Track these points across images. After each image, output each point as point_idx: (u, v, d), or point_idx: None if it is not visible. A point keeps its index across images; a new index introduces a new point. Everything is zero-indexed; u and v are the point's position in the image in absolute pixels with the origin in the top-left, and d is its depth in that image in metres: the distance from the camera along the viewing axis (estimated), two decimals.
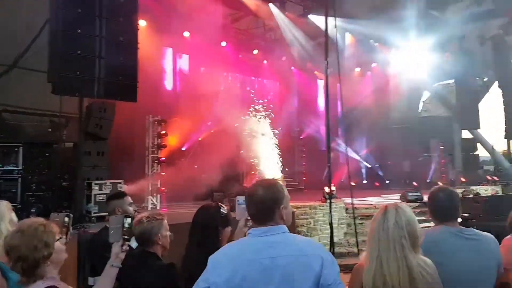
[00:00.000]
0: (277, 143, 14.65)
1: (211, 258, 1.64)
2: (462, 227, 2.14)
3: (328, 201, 8.39)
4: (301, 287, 1.52)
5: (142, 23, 9.93)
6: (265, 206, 1.65)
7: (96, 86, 7.13)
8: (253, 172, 14.47)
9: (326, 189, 8.77)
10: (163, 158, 9.92)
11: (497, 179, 16.20)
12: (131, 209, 3.15)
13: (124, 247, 1.94)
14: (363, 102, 17.85)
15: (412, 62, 19.37)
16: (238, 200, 2.26)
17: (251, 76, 17.14)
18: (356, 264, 1.90)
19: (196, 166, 11.25)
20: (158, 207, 9.60)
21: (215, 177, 11.41)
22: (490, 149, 20.27)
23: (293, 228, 7.52)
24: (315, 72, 18.99)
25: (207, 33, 13.15)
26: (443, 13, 12.20)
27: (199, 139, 12.71)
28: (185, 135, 11.96)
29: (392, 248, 1.74)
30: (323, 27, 16.30)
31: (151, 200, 9.66)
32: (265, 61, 17.04)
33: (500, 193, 13.46)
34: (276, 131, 14.73)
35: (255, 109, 13.50)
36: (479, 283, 2.00)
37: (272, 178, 1.92)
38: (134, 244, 2.66)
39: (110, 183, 7.64)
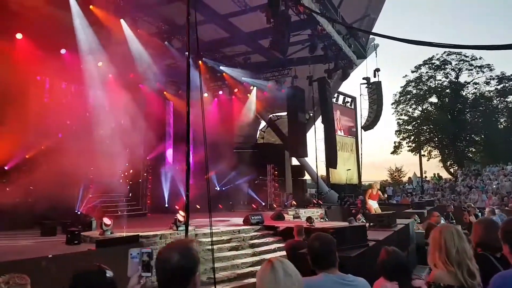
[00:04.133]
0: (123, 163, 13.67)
1: None
2: (342, 274, 2.27)
3: (179, 228, 8.18)
4: None
5: None
6: (179, 275, 1.54)
7: None
8: (90, 195, 13.09)
9: (180, 216, 8.48)
10: None
11: (321, 202, 18.65)
12: None
13: None
14: (209, 127, 18.28)
15: (252, 93, 21.17)
16: (131, 254, 1.94)
17: (93, 89, 15.66)
18: None
19: (31, 189, 9.45)
20: None
21: (43, 201, 9.82)
22: (314, 176, 23.41)
23: None
24: (164, 93, 18.73)
25: (44, 37, 11.50)
26: (283, 54, 13.70)
27: (27, 156, 10.77)
28: (8, 151, 9.98)
29: None
30: (175, 50, 16.61)
31: None
32: (110, 75, 15.87)
33: (323, 214, 15.57)
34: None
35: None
36: None
37: (186, 239, 1.72)
38: None
39: None
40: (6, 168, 10.17)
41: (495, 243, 2.71)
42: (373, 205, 14.33)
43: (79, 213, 10.58)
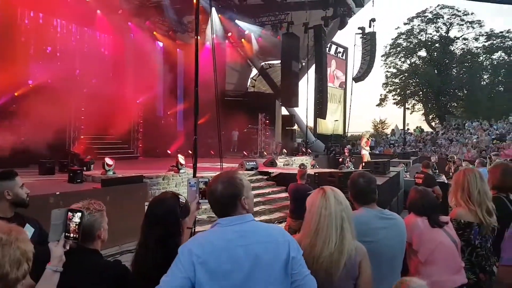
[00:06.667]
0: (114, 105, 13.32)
1: (182, 248, 1.54)
2: (380, 208, 2.38)
3: (180, 171, 8.21)
4: (272, 275, 1.53)
5: None
6: (226, 201, 1.64)
7: None
8: (82, 136, 12.88)
9: (181, 159, 8.46)
10: None
11: (310, 151, 18.91)
12: (23, 192, 2.36)
13: (66, 247, 1.60)
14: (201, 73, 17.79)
15: (245, 39, 20.50)
16: (189, 182, 2.11)
17: (81, 26, 14.86)
18: None
19: (23, 128, 9.18)
20: None
21: (36, 140, 9.60)
22: (302, 125, 23.53)
23: (145, 200, 7.01)
24: (154, 33, 17.94)
25: None
26: None
27: (16, 94, 10.32)
28: None
29: (333, 222, 1.88)
30: None
31: None
32: (98, 11, 15.02)
33: (314, 162, 15.87)
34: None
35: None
36: (397, 255, 2.32)
37: (231, 171, 1.80)
38: (30, 231, 2.19)
39: None
40: None
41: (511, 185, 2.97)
42: (366, 153, 14.60)
43: (73, 153, 10.38)
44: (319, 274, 1.78)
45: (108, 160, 7.79)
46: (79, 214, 1.62)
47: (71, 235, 1.60)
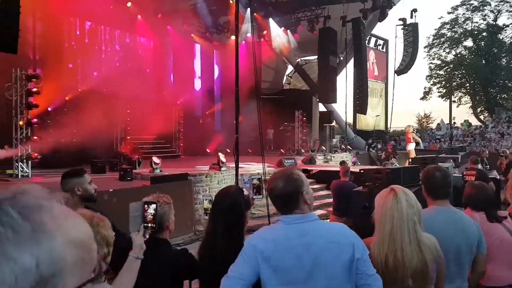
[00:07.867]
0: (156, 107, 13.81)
1: (247, 243, 1.63)
2: (452, 207, 2.33)
3: (221, 168, 8.41)
4: (333, 275, 1.55)
5: None
6: (287, 198, 1.67)
7: None
8: (128, 137, 13.45)
9: (222, 158, 8.65)
10: (36, 120, 8.28)
11: (351, 148, 18.59)
12: (91, 187, 2.56)
13: (146, 236, 1.76)
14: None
15: (281, 36, 20.45)
16: (243, 180, 2.27)
17: (124, 31, 15.51)
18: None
19: (74, 130, 9.80)
20: (29, 175, 8.11)
21: (87, 141, 10.16)
22: (341, 121, 23.19)
23: (190, 197, 7.25)
24: (192, 35, 18.33)
25: None
26: None
27: (66, 98, 10.97)
28: (50, 93, 10.14)
29: (405, 225, 1.86)
30: None
31: (21, 167, 8.11)
32: (139, 16, 15.60)
33: (351, 159, 15.61)
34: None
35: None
36: (464, 258, 2.21)
37: (286, 168, 1.82)
38: None
39: None
40: (49, 109, 10.40)
41: None
42: (412, 149, 14.07)
43: (121, 153, 10.88)
44: (412, 276, 1.81)
45: (156, 159, 8.15)
46: (153, 205, 1.76)
47: (149, 224, 1.75)
